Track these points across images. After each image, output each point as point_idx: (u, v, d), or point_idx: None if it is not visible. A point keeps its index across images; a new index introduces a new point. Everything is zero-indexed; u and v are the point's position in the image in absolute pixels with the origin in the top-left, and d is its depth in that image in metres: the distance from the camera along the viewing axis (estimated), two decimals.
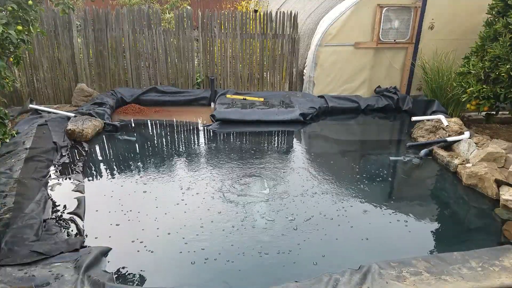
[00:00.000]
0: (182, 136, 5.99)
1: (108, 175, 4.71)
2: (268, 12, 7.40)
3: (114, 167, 4.91)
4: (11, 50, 3.97)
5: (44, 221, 3.58)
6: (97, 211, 3.92)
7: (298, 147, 5.72)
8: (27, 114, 6.23)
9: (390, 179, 4.88)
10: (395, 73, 7.54)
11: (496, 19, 5.56)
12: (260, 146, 5.62)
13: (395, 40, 7.24)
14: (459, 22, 7.05)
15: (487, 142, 5.10)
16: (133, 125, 6.29)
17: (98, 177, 4.67)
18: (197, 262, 3.25)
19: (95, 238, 3.50)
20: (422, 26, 7.12)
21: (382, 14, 6.98)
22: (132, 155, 5.23)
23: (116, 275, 3.05)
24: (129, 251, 3.36)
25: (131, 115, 6.68)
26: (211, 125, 6.31)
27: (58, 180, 4.45)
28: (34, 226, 3.44)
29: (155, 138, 5.88)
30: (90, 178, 4.60)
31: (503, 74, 5.17)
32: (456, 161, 4.94)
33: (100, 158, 5.15)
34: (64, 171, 4.64)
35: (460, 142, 5.31)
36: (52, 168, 4.67)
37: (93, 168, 4.83)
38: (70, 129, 5.44)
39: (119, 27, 7.10)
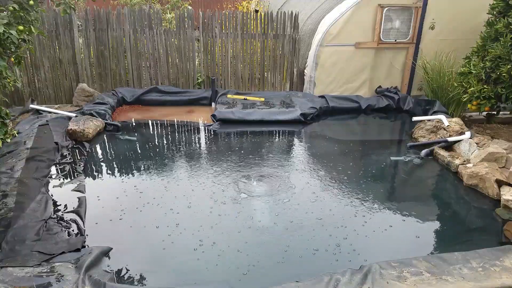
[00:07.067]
0: (183, 136, 6.00)
1: (109, 175, 4.71)
2: (269, 12, 7.40)
3: (115, 166, 4.91)
4: (12, 50, 3.98)
5: (45, 221, 3.59)
6: (98, 211, 3.92)
7: (298, 147, 5.72)
8: (28, 114, 6.24)
9: (391, 179, 4.87)
10: (396, 73, 7.54)
11: (497, 19, 5.56)
12: (261, 146, 5.62)
13: (396, 40, 7.24)
14: (460, 22, 7.04)
15: (488, 142, 5.10)
16: (134, 125, 6.30)
17: (99, 176, 4.68)
18: (197, 262, 3.26)
19: (96, 237, 3.51)
20: (423, 26, 7.12)
21: (383, 14, 6.98)
22: (133, 155, 5.24)
23: (117, 275, 3.06)
24: (130, 251, 3.36)
25: (132, 114, 6.69)
26: (212, 125, 6.31)
27: (59, 180, 4.45)
28: (35, 226, 3.45)
29: (156, 138, 5.89)
30: (91, 178, 4.60)
31: (504, 74, 5.17)
32: (457, 161, 4.94)
33: (101, 157, 5.16)
34: (65, 170, 4.65)
35: (461, 142, 5.31)
36: (53, 168, 4.68)
37: (94, 168, 4.84)
38: (71, 129, 5.45)
39: (120, 27, 7.11)
